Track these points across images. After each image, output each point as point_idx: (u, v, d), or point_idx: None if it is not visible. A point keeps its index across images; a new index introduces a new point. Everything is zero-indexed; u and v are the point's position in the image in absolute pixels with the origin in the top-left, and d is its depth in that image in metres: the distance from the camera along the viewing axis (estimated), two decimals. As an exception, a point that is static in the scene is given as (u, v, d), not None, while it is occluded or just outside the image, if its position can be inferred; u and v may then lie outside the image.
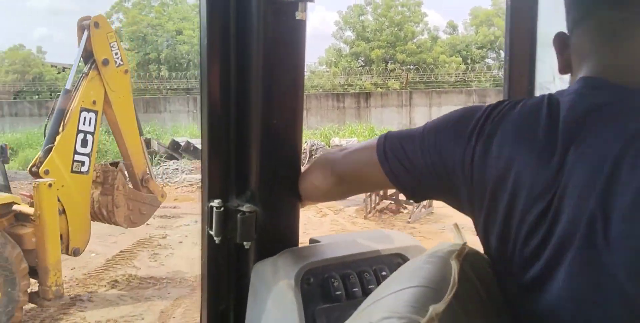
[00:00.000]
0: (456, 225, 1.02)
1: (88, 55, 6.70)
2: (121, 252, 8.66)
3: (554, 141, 0.81)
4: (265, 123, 1.28)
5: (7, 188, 6.92)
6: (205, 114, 1.30)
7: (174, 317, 6.36)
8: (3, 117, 23.01)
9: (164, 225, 10.37)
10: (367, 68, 27.26)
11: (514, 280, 0.85)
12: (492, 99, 20.86)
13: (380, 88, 25.34)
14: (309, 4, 1.27)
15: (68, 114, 6.47)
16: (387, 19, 28.69)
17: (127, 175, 7.24)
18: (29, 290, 6.16)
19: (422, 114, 21.36)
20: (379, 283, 1.26)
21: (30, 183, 6.78)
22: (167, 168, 15.83)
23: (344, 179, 1.21)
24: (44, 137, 6.50)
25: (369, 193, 10.91)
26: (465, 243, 0.89)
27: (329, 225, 10.08)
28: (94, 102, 6.69)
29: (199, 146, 16.95)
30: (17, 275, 5.96)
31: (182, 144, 17.59)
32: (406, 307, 0.69)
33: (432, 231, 9.61)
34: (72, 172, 6.48)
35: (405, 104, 21.72)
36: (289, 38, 1.26)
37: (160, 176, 15.10)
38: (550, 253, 0.78)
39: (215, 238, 1.29)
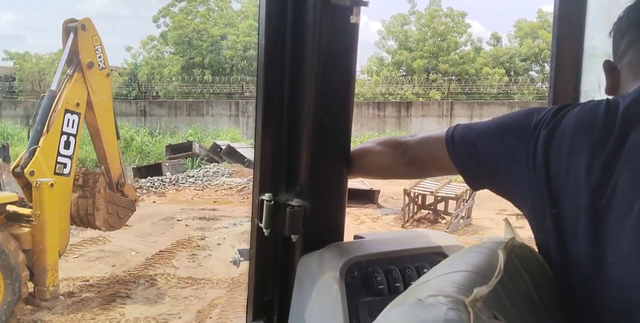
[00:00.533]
0: (507, 220, 1.07)
1: (72, 58, 6.85)
2: (160, 251, 8.84)
3: (611, 128, 0.92)
4: (317, 121, 1.34)
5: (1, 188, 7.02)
6: (259, 112, 1.36)
7: (210, 317, 6.47)
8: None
9: (202, 226, 10.55)
10: (409, 77, 27.21)
11: (574, 260, 0.91)
12: (536, 111, 20.53)
13: (421, 98, 25.23)
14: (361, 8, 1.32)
15: (52, 115, 6.54)
16: (431, 29, 28.58)
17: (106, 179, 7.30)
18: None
19: (463, 124, 21.17)
20: (420, 279, 1.29)
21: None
22: (207, 171, 16.06)
23: (414, 161, 1.32)
24: (28, 138, 6.57)
25: (407, 202, 10.90)
26: (514, 237, 0.93)
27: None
28: (78, 104, 6.76)
29: (240, 150, 17.23)
30: (20, 281, 5.96)
31: (223, 147, 17.84)
32: (452, 287, 0.74)
33: (469, 242, 9.51)
34: (55, 173, 6.51)
35: (446, 114, 21.59)
36: (342, 40, 1.32)
37: (200, 178, 15.35)
38: (612, 224, 0.86)
39: (264, 230, 1.35)
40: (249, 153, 17.16)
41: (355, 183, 11.12)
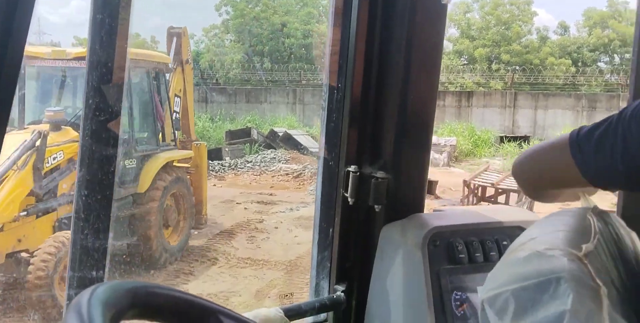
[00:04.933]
0: (583, 193, 1.06)
1: (175, 55, 9.06)
2: (221, 232, 9.10)
3: None
4: (402, 99, 1.40)
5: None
6: (348, 89, 1.43)
7: (268, 297, 6.65)
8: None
9: (260, 210, 10.77)
10: (470, 67, 26.71)
11: None
12: (603, 104, 19.80)
13: (483, 87, 24.75)
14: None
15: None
16: (494, 17, 27.92)
17: None
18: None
19: (527, 116, 20.64)
20: (500, 252, 1.34)
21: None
22: (265, 157, 16.33)
23: (525, 164, 1.13)
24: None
25: (466, 194, 10.80)
26: (595, 205, 0.96)
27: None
28: (180, 90, 9.21)
29: (297, 137, 17.42)
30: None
31: (280, 134, 18.07)
32: (563, 243, 0.80)
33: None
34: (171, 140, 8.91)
35: (509, 105, 21.06)
36: (431, 21, 1.37)
37: (258, 164, 15.63)
38: None
39: (349, 199, 1.43)
40: (304, 140, 17.33)
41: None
